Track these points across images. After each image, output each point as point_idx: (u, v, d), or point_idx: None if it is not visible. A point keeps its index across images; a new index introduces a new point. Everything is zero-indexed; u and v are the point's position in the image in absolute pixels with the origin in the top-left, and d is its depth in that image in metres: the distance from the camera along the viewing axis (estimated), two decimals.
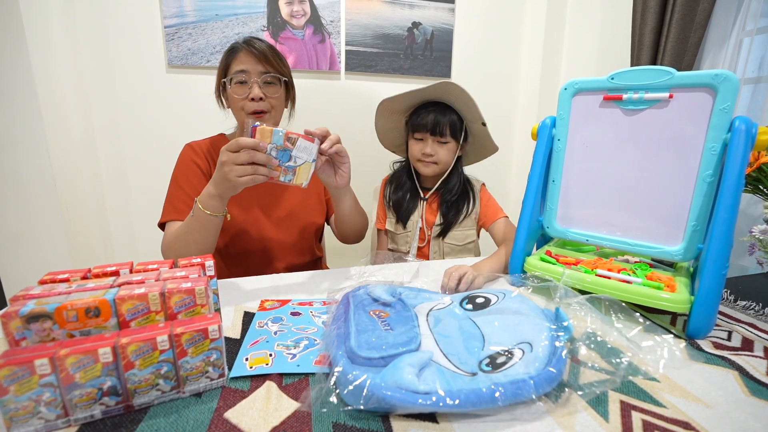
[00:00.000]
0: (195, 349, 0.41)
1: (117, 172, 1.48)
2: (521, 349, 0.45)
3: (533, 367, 0.42)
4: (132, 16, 1.37)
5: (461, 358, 0.46)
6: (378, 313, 0.54)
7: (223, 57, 0.89)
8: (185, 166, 0.89)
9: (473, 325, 0.52)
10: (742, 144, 0.54)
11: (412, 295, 0.61)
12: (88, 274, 0.49)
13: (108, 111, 1.43)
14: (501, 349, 0.46)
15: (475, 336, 0.50)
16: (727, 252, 0.55)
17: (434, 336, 0.50)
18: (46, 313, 0.39)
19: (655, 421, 0.40)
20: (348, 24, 1.55)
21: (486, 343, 0.48)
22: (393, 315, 0.54)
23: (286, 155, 0.61)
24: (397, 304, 0.58)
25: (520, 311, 0.53)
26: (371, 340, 0.47)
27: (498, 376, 0.41)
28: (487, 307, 0.57)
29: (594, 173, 0.70)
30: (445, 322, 0.54)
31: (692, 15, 1.18)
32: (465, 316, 0.55)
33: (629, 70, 0.64)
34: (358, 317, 0.52)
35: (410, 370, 0.41)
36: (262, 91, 0.85)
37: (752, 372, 0.49)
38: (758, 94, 1.17)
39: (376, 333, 0.49)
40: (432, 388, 0.39)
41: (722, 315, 0.65)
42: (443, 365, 0.44)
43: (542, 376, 0.41)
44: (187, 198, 0.85)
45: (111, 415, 0.40)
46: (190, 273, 0.49)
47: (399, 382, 0.39)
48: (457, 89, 0.96)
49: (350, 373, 0.41)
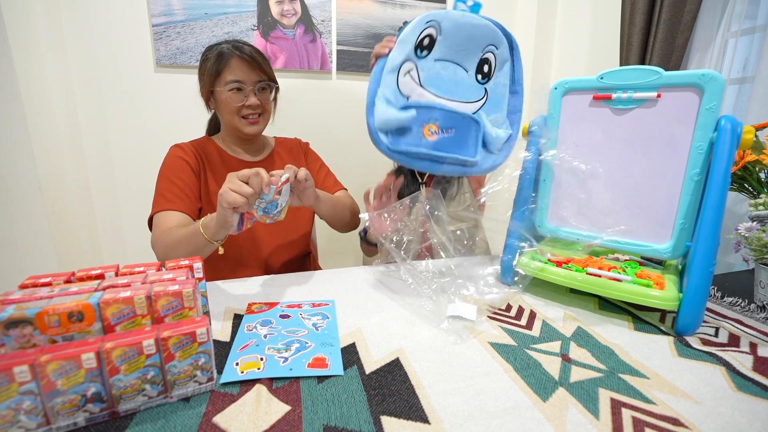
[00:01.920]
0: (183, 352, 0.41)
1: (104, 174, 1.46)
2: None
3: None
4: (119, 14, 1.35)
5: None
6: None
7: (212, 62, 0.86)
8: (174, 162, 0.88)
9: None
10: (728, 143, 0.55)
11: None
12: (72, 277, 0.48)
13: (95, 112, 1.40)
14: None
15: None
16: (715, 249, 0.56)
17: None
18: (26, 318, 0.37)
19: (644, 418, 0.41)
20: (339, 23, 1.54)
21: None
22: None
23: (274, 204, 0.64)
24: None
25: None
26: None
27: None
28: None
29: (584, 172, 0.71)
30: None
31: (679, 16, 1.19)
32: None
33: (618, 69, 0.64)
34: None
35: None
36: (257, 98, 0.88)
37: (739, 368, 0.49)
38: (743, 94, 1.19)
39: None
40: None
41: (710, 311, 0.65)
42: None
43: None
44: (177, 189, 0.84)
45: (95, 423, 0.39)
46: (177, 275, 0.48)
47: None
48: None
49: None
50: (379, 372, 0.48)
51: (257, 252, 0.94)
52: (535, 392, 0.44)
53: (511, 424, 0.40)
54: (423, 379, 0.46)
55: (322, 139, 1.32)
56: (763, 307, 0.66)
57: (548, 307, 0.66)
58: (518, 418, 0.40)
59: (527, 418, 0.40)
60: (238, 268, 0.92)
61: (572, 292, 0.72)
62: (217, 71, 0.86)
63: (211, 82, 0.88)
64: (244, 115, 0.89)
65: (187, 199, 0.84)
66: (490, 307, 0.65)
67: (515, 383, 0.46)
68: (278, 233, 0.96)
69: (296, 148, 1.06)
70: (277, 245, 0.96)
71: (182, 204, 0.83)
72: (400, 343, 0.54)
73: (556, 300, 0.69)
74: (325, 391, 0.44)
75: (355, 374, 0.47)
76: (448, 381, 0.46)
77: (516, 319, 0.62)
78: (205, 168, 0.91)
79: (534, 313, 0.64)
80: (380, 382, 0.46)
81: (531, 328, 0.59)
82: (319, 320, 0.59)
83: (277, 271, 0.96)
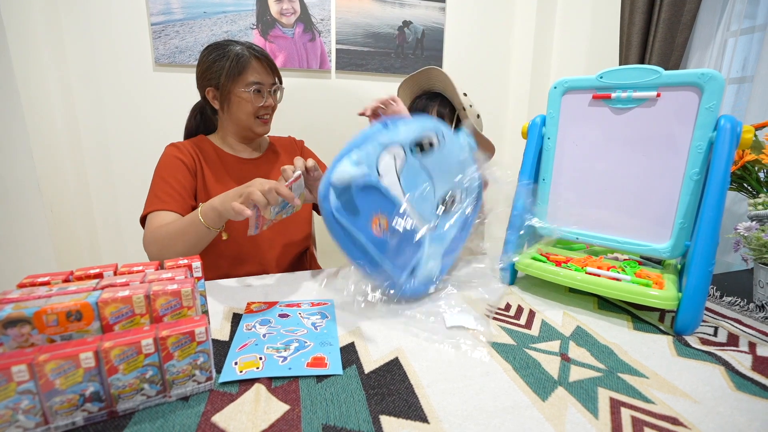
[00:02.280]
0: (181, 352, 0.41)
1: (103, 173, 1.46)
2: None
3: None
4: (117, 13, 1.35)
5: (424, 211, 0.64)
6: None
7: (231, 63, 0.86)
8: (169, 161, 0.88)
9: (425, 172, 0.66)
10: (728, 142, 0.55)
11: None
12: (70, 276, 0.48)
13: (94, 111, 1.40)
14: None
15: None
16: (714, 249, 0.56)
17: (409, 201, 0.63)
18: (25, 317, 0.37)
19: (643, 417, 0.41)
20: (338, 22, 1.54)
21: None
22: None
23: (285, 203, 0.64)
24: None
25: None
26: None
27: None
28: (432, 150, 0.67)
29: (583, 172, 0.71)
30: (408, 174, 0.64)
31: (679, 15, 1.19)
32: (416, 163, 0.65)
33: (618, 68, 0.64)
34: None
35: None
36: (273, 99, 0.93)
37: (738, 367, 0.49)
38: (742, 93, 1.19)
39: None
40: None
41: (708, 311, 0.65)
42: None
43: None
44: (172, 190, 0.84)
45: (94, 422, 0.39)
46: (176, 274, 0.48)
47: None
48: (440, 75, 0.99)
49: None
50: (378, 371, 0.48)
51: (257, 253, 0.94)
52: (535, 392, 0.44)
53: (511, 424, 0.40)
54: (422, 379, 0.46)
55: (321, 138, 1.32)
56: (762, 306, 0.66)
57: (547, 307, 0.66)
58: (517, 417, 0.40)
59: (526, 418, 0.40)
60: (238, 267, 0.92)
61: (571, 291, 0.72)
62: (239, 72, 0.87)
63: (231, 82, 0.88)
64: (258, 116, 0.92)
65: (180, 199, 0.84)
66: (488, 307, 0.65)
67: (514, 383, 0.46)
68: (279, 235, 0.95)
69: (291, 145, 1.07)
70: (278, 247, 0.96)
71: (175, 204, 0.82)
72: (400, 342, 0.54)
73: (555, 299, 0.69)
74: (324, 390, 0.44)
75: (354, 373, 0.47)
76: (447, 380, 0.46)
77: (515, 319, 0.62)
78: (203, 166, 0.91)
79: (533, 313, 0.64)
80: (379, 382, 0.46)
81: (530, 327, 0.59)
82: (318, 319, 0.59)
83: (277, 271, 0.96)
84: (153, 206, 0.82)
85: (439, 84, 1.03)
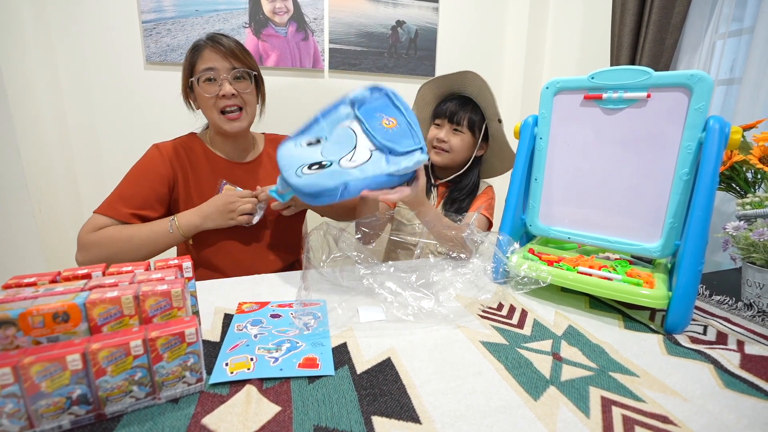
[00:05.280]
0: (171, 353, 0.40)
1: (93, 172, 1.44)
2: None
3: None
4: (108, 11, 1.33)
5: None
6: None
7: (187, 56, 0.85)
8: (145, 166, 0.86)
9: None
10: (716, 143, 0.56)
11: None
12: (58, 277, 0.47)
13: (83, 109, 1.38)
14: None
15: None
16: (703, 248, 0.56)
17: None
18: (9, 319, 0.37)
19: (634, 416, 0.41)
20: (331, 22, 1.53)
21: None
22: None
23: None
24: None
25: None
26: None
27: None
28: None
29: (575, 172, 0.71)
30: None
31: (668, 17, 1.21)
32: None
33: (609, 69, 0.65)
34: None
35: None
36: (233, 87, 0.83)
37: (726, 365, 0.50)
38: (730, 95, 1.21)
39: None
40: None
41: (698, 310, 0.66)
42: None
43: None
44: (140, 198, 0.83)
45: (81, 425, 0.38)
46: (166, 275, 0.47)
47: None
48: (477, 80, 0.95)
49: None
50: (370, 372, 0.47)
51: (245, 262, 0.92)
52: (527, 391, 0.44)
53: (503, 423, 0.40)
54: (414, 379, 0.46)
55: None
56: (750, 305, 0.67)
57: (539, 306, 0.66)
58: (509, 417, 0.41)
59: (518, 417, 0.40)
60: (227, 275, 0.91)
61: (563, 290, 0.72)
62: (191, 63, 0.84)
63: (187, 75, 0.86)
64: (222, 110, 0.84)
65: (140, 210, 0.83)
66: (481, 306, 0.65)
67: (506, 382, 0.46)
68: (271, 244, 0.94)
69: None
70: (267, 256, 0.94)
71: (133, 218, 0.81)
72: (392, 342, 0.54)
73: (547, 299, 0.69)
74: (316, 391, 0.44)
75: (346, 374, 0.47)
76: (440, 380, 0.46)
77: (507, 318, 0.62)
78: (186, 170, 0.88)
79: (525, 312, 0.64)
80: (371, 382, 0.45)
81: (522, 326, 0.59)
82: (310, 320, 0.59)
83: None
84: (110, 209, 0.81)
85: (472, 89, 0.98)
